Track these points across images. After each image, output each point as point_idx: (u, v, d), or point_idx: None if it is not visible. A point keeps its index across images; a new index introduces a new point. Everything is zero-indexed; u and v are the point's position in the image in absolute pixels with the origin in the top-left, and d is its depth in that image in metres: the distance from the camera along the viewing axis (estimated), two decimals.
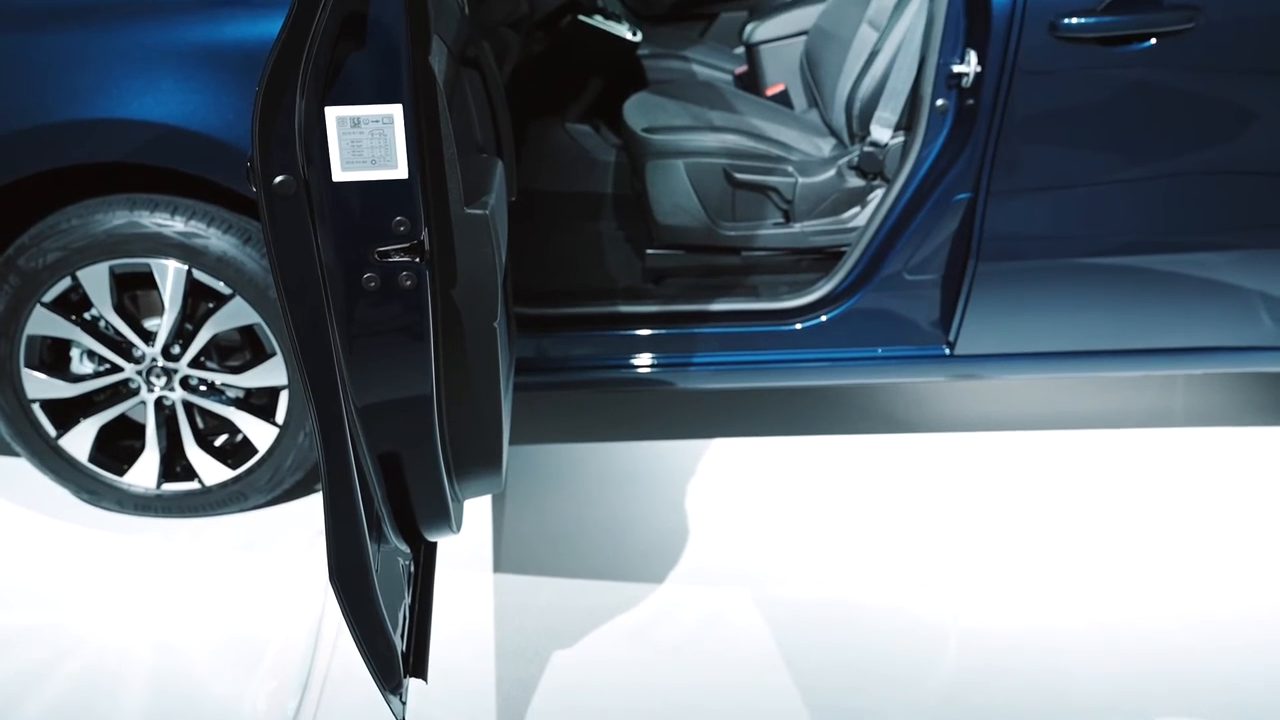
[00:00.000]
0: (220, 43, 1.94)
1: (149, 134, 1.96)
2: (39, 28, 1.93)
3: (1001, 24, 1.98)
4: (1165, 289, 2.22)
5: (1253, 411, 2.70)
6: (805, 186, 2.49)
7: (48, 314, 2.13)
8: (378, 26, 1.29)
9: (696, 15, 3.74)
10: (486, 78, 1.99)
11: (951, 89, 2.11)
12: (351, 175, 1.34)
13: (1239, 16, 1.95)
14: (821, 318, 2.32)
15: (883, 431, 2.65)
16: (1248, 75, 2.01)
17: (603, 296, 2.44)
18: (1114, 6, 1.94)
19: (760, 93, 3.11)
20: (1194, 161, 2.08)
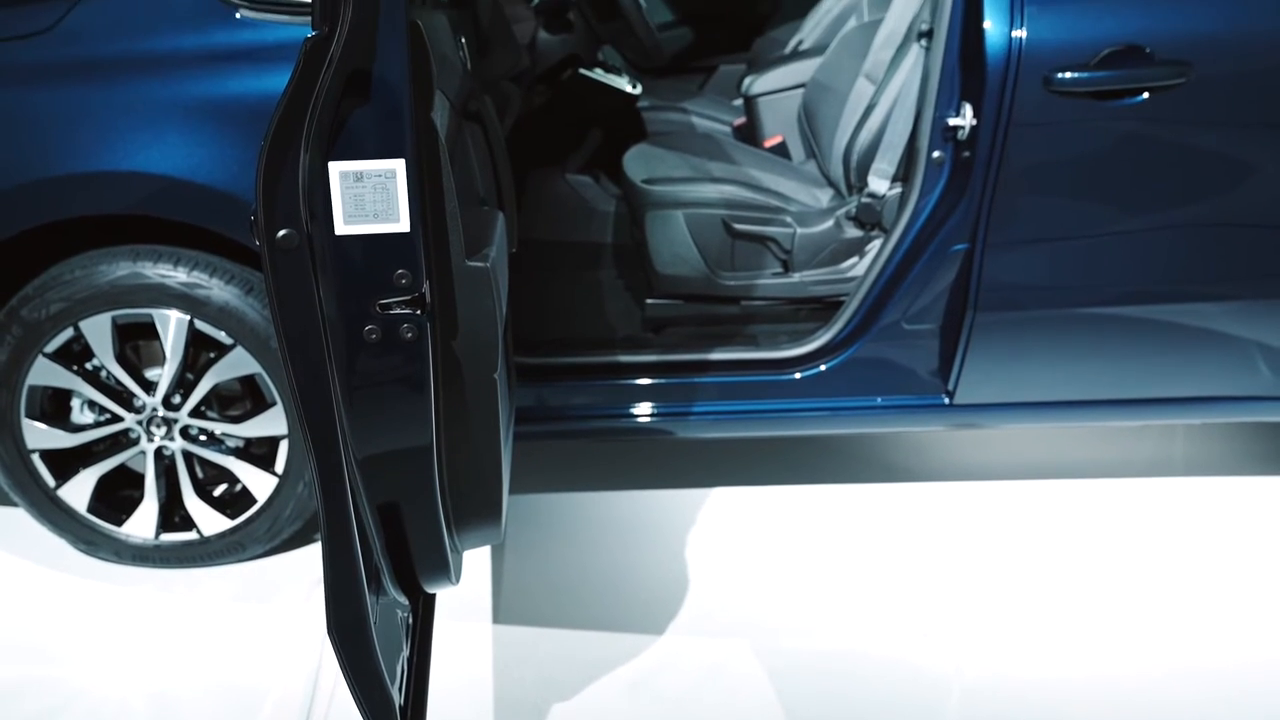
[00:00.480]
0: (225, 97, 1.97)
1: (154, 186, 1.98)
2: (48, 82, 1.96)
3: (996, 78, 2.01)
4: (1163, 339, 2.23)
5: (1252, 461, 2.70)
6: (804, 237, 2.51)
7: (49, 364, 2.14)
8: (381, 83, 1.32)
9: (695, 68, 3.79)
10: (488, 131, 2.02)
11: (948, 141, 2.13)
12: (354, 229, 1.35)
13: (1228, 72, 1.98)
14: (821, 367, 2.33)
15: (883, 480, 2.65)
16: (1238, 128, 2.03)
17: (602, 346, 2.45)
18: (1106, 61, 1.97)
19: (759, 144, 3.14)
20: (1189, 213, 2.10)
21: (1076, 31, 1.98)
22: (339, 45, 1.28)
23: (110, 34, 2.00)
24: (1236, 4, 1.97)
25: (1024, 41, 1.98)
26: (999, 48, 1.99)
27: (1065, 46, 1.98)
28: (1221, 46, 1.97)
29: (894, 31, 2.55)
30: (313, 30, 1.31)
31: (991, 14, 2.00)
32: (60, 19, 2.00)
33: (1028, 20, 1.98)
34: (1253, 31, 1.97)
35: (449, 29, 1.85)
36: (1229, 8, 1.98)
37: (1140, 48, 1.96)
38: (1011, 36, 1.98)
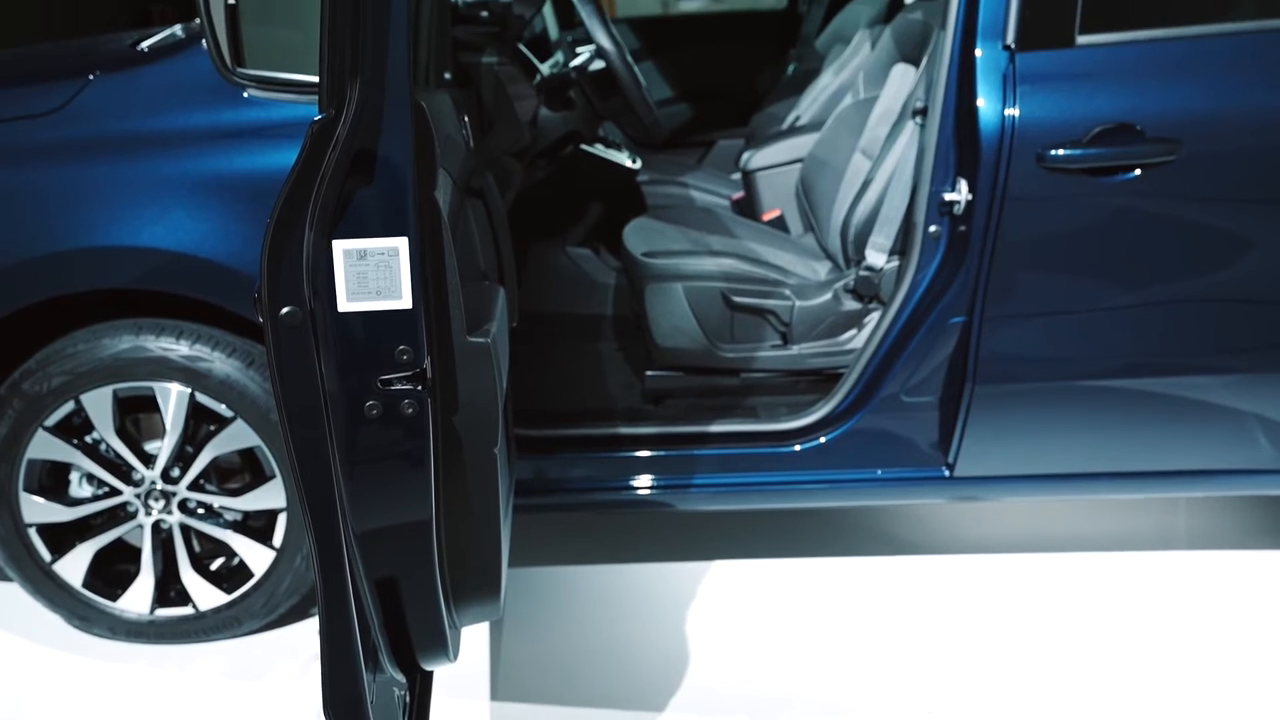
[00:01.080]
0: (231, 173, 2.00)
1: (158, 260, 2.00)
2: (57, 160, 1.99)
3: (990, 154, 2.04)
4: (1163, 411, 2.23)
5: (1257, 535, 2.69)
6: (802, 309, 2.53)
7: (49, 438, 2.14)
8: (386, 163, 1.34)
9: (694, 143, 3.85)
10: (490, 207, 2.04)
11: (944, 216, 2.16)
12: (356, 305, 1.36)
13: (1217, 149, 2.01)
14: (820, 439, 2.33)
15: (884, 553, 2.63)
16: (1229, 204, 2.06)
17: (602, 418, 2.45)
18: (1098, 139, 2.00)
19: (757, 218, 3.18)
20: (1185, 286, 2.11)
21: (1068, 110, 2.02)
22: (345, 127, 1.30)
23: (120, 112, 2.04)
24: (1224, 84, 2.01)
25: (1017, 119, 2.02)
26: (992, 125, 2.03)
27: (1057, 124, 2.01)
28: (1210, 125, 2.00)
29: (889, 109, 2.59)
30: (319, 112, 1.34)
31: (984, 92, 2.03)
32: (72, 98, 2.04)
33: (1020, 99, 2.02)
34: (1240, 110, 2.01)
35: (453, 108, 1.89)
36: (1217, 87, 2.01)
37: (1131, 125, 2.00)
38: (1004, 114, 2.02)
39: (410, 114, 1.34)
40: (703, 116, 4.04)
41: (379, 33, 1.32)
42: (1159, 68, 2.02)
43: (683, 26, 4.90)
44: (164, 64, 2.12)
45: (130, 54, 2.24)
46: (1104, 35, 2.02)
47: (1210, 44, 2.03)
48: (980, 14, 2.04)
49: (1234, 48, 2.02)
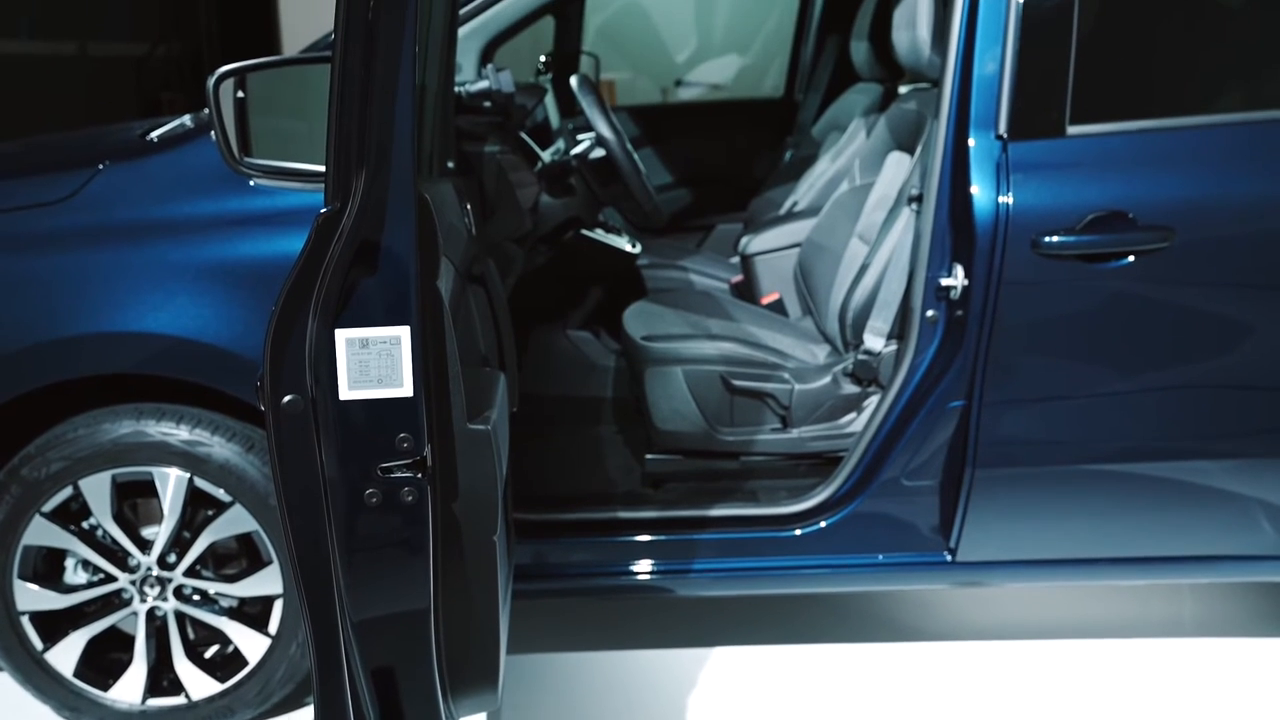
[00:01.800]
0: (235, 259, 2.02)
1: (160, 345, 2.01)
2: (64, 247, 2.01)
3: (985, 241, 2.06)
4: (1164, 496, 2.22)
5: (1264, 623, 2.65)
6: (802, 393, 2.53)
7: (46, 524, 2.12)
8: (389, 254, 1.36)
9: (693, 227, 3.90)
10: (491, 293, 2.06)
11: (941, 300, 2.18)
12: (358, 394, 1.37)
13: (1209, 237, 2.04)
14: (821, 523, 2.31)
15: (886, 640, 2.60)
16: (1223, 289, 2.08)
17: (602, 501, 2.44)
18: (1092, 226, 2.03)
19: (756, 301, 3.20)
20: (1182, 370, 2.13)
21: (1061, 197, 2.05)
22: (350, 219, 1.32)
23: (128, 201, 2.07)
24: (1213, 173, 2.05)
25: (1011, 206, 2.05)
26: (987, 212, 2.06)
27: (1051, 211, 2.04)
28: (1202, 212, 2.03)
29: (885, 195, 2.63)
30: (325, 204, 1.36)
31: (978, 180, 2.07)
32: (82, 186, 2.07)
33: (1014, 186, 2.05)
34: (1231, 198, 2.04)
35: (455, 197, 1.92)
36: (1207, 176, 2.05)
37: (1124, 213, 2.03)
38: (998, 202, 2.05)
39: (414, 205, 1.36)
40: (702, 201, 4.10)
41: (384, 126, 1.35)
42: (1149, 157, 2.06)
43: (681, 114, 5.00)
44: (172, 153, 2.16)
45: (140, 144, 2.29)
46: (1094, 126, 2.06)
47: (1198, 134, 2.07)
48: (972, 105, 2.09)
49: (1222, 138, 2.07)
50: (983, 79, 2.08)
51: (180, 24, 7.91)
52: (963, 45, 2.10)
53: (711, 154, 4.21)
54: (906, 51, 2.54)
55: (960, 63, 2.10)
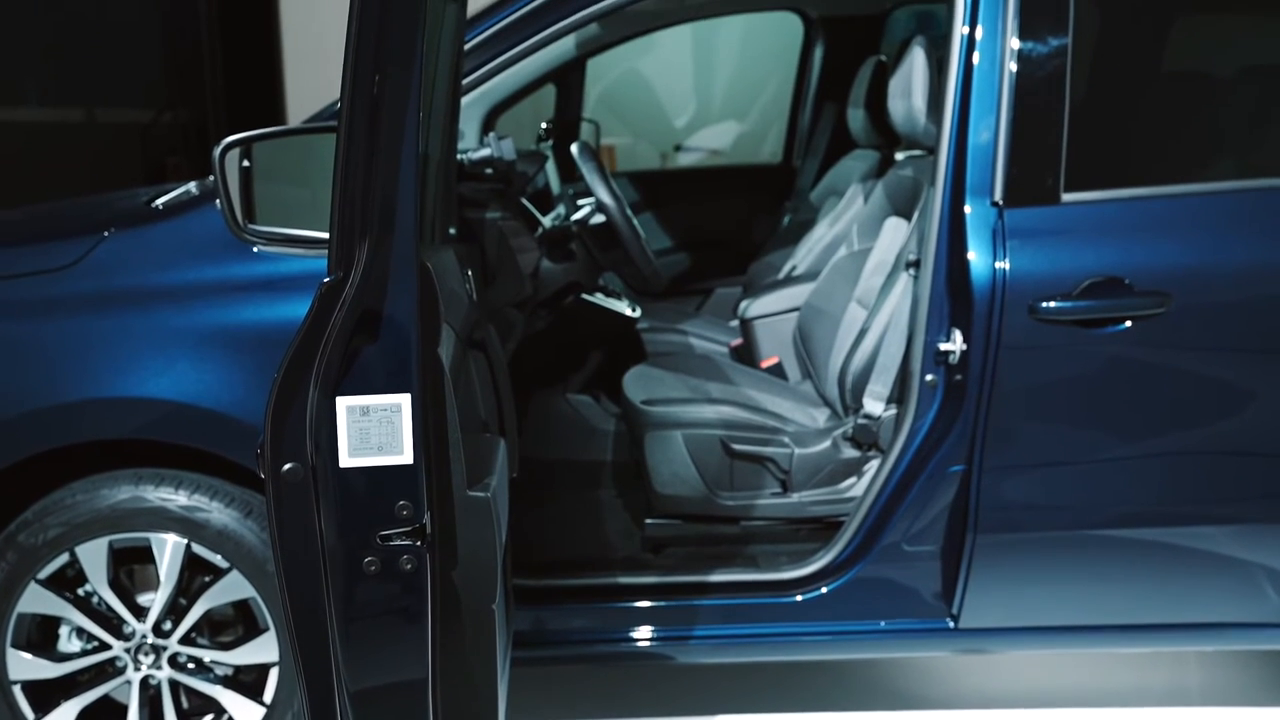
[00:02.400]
0: (237, 324, 2.03)
1: (161, 411, 2.02)
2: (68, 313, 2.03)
3: (983, 306, 2.08)
4: (1168, 562, 2.21)
5: (1266, 691, 2.62)
6: (802, 457, 2.53)
7: (41, 591, 2.11)
8: (391, 322, 1.37)
9: (693, 291, 3.92)
10: (491, 358, 2.07)
11: (939, 365, 2.18)
12: (358, 461, 1.37)
13: (1206, 302, 2.05)
14: (822, 589, 2.30)
15: (889, 708, 2.57)
16: (1221, 354, 2.09)
17: (602, 567, 2.43)
18: (1088, 292, 2.05)
19: (755, 365, 3.21)
20: (1182, 436, 2.13)
21: (1057, 263, 2.07)
22: (353, 288, 1.34)
23: (132, 267, 2.09)
24: (1208, 239, 2.07)
25: (1007, 272, 2.06)
26: (984, 278, 2.07)
27: (1047, 277, 2.06)
28: (1198, 278, 2.05)
29: (883, 261, 2.66)
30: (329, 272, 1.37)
31: (975, 246, 2.09)
32: (86, 253, 2.09)
33: (1010, 252, 2.07)
34: (1226, 264, 2.06)
35: (457, 264, 1.93)
36: (1201, 242, 2.07)
37: (1120, 279, 2.04)
38: (995, 267, 2.07)
39: (415, 274, 1.38)
40: (701, 265, 4.13)
41: (388, 196, 1.37)
42: (1144, 223, 2.08)
43: (681, 179, 5.06)
44: (177, 220, 2.18)
45: (145, 210, 2.31)
46: (1088, 193, 2.09)
47: (1192, 202, 2.10)
48: (968, 172, 2.12)
49: (1215, 206, 2.10)
50: (977, 147, 2.11)
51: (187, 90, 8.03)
52: (957, 114, 2.13)
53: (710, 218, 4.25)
54: (902, 120, 2.58)
55: (955, 131, 2.13)
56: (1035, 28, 2.07)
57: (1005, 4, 2.08)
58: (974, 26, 2.11)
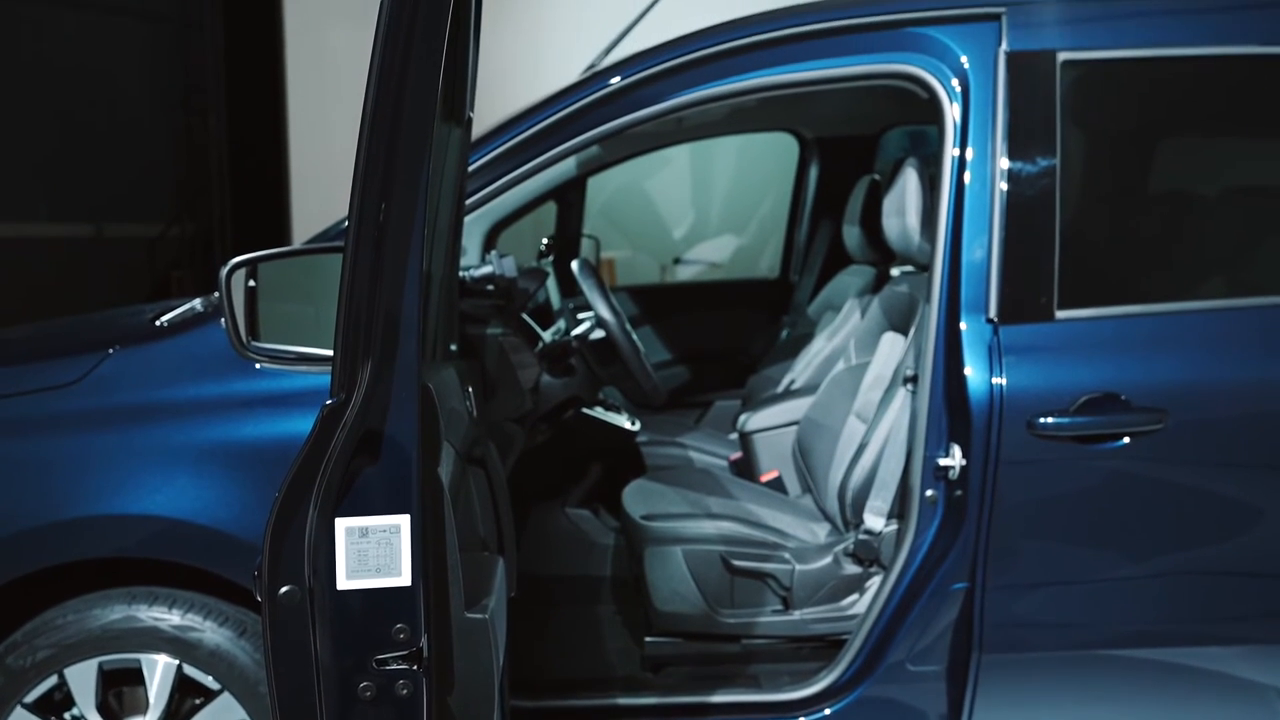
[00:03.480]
0: (236, 440, 2.04)
1: (158, 528, 2.01)
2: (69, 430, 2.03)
3: (981, 421, 2.08)
4: (1178, 682, 2.17)
5: None
6: (803, 573, 2.50)
7: (27, 716, 2.06)
8: (391, 443, 1.37)
9: (692, 404, 3.94)
10: (490, 475, 2.07)
11: (939, 480, 2.18)
12: (356, 583, 1.36)
13: (1203, 418, 2.06)
14: (826, 710, 2.25)
15: None
16: (1221, 470, 2.09)
17: (601, 688, 2.38)
18: (1085, 408, 2.06)
19: (755, 478, 3.20)
20: (1186, 552, 2.11)
21: (1053, 379, 2.08)
22: (354, 409, 1.34)
23: (134, 384, 2.10)
24: (1203, 356, 2.09)
25: (1004, 388, 2.08)
26: (981, 393, 2.08)
27: (1044, 393, 2.07)
28: (1194, 394, 2.06)
29: (881, 375, 2.67)
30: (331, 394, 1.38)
31: (971, 362, 2.10)
32: (90, 370, 2.10)
33: (1006, 369, 2.09)
34: (1222, 381, 2.08)
35: (458, 381, 1.95)
36: (1196, 359, 2.09)
37: (1116, 395, 2.05)
38: (992, 383, 2.08)
39: (417, 396, 1.39)
40: (700, 378, 4.16)
41: (391, 317, 1.39)
42: (1138, 340, 2.11)
43: (680, 294, 5.12)
44: (181, 338, 2.20)
45: (150, 328, 2.34)
46: (1082, 310, 2.11)
47: (1186, 319, 2.12)
48: (963, 290, 2.14)
49: (1209, 323, 2.12)
50: (971, 265, 2.14)
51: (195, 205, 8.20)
52: (950, 232, 2.17)
53: (710, 332, 4.29)
54: (897, 237, 2.63)
55: (949, 249, 2.17)
56: (1024, 149, 2.13)
57: (994, 126, 2.14)
58: (964, 148, 2.16)
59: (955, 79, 2.16)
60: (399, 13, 1.39)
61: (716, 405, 3.91)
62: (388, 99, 1.39)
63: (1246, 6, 2.20)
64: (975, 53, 2.16)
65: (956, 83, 2.16)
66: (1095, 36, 2.16)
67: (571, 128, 2.24)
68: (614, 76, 2.24)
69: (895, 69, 2.21)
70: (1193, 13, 2.18)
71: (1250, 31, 2.16)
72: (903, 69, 2.20)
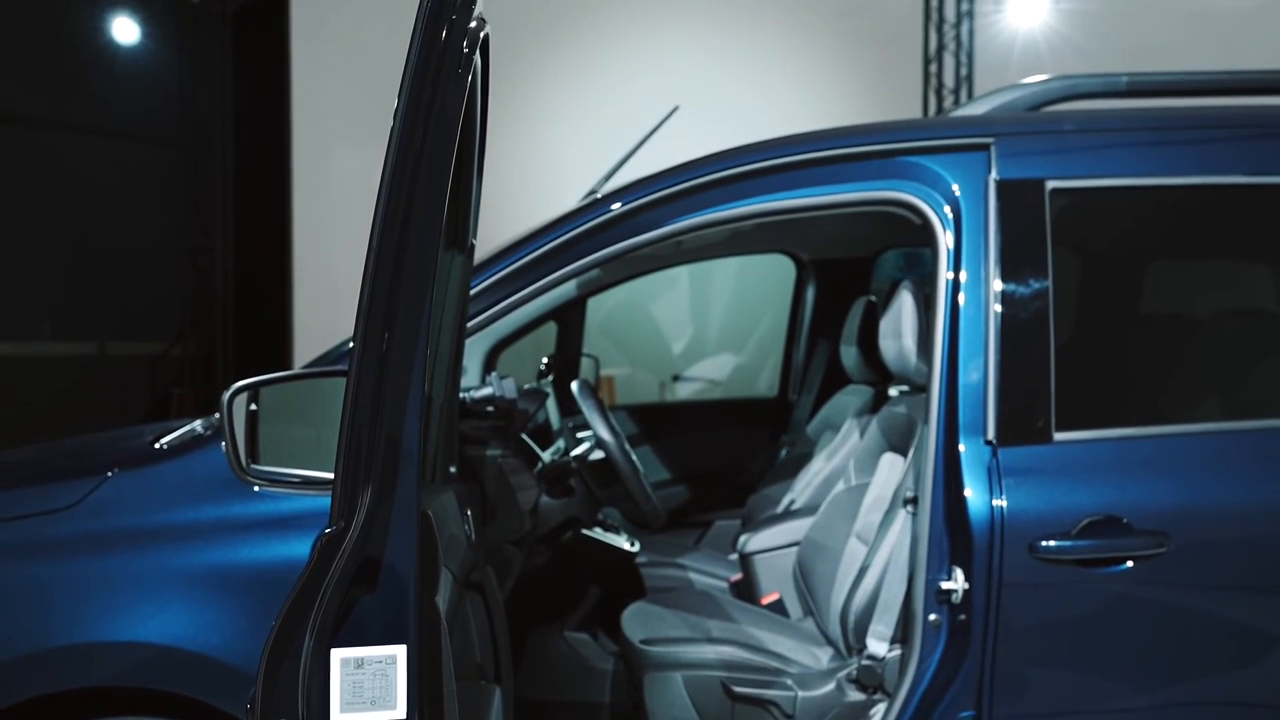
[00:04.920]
0: (233, 564, 2.02)
1: (149, 655, 1.97)
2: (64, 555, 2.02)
3: (982, 544, 2.06)
4: None
5: None
6: (805, 700, 2.45)
7: None
8: (390, 572, 1.37)
9: (692, 523, 3.91)
10: (488, 601, 2.05)
11: (942, 604, 2.15)
12: (350, 716, 1.34)
13: (1206, 541, 2.05)
14: None
15: None
16: (1226, 594, 2.07)
17: None
18: (1087, 531, 2.04)
19: (755, 601, 3.16)
20: (1192, 680, 2.08)
21: (1053, 502, 2.07)
22: (353, 538, 1.34)
23: (131, 507, 2.09)
24: (1203, 479, 2.09)
25: (1005, 510, 2.06)
26: (982, 516, 2.07)
27: (1045, 516, 2.06)
28: (1195, 518, 2.05)
29: (881, 496, 2.66)
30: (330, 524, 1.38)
31: (971, 484, 2.10)
32: (88, 494, 2.10)
33: (1006, 491, 2.08)
34: (1222, 504, 2.07)
35: (457, 505, 1.94)
36: (1197, 483, 2.09)
37: (1118, 518, 2.05)
38: (992, 505, 2.07)
39: (416, 524, 1.39)
40: (699, 497, 4.14)
41: (392, 445, 1.40)
42: (1137, 463, 2.11)
43: (679, 413, 5.14)
44: (179, 460, 2.20)
45: (149, 450, 2.34)
46: (1080, 433, 2.12)
47: (1184, 441, 2.13)
48: (960, 412, 2.15)
49: (1207, 446, 2.13)
50: (968, 386, 2.15)
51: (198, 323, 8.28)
52: (946, 355, 2.18)
53: (709, 451, 4.29)
54: (894, 359, 2.65)
55: (946, 371, 2.18)
56: (1016, 273, 2.16)
57: (987, 251, 2.18)
58: (958, 271, 2.19)
59: (947, 206, 2.21)
60: (407, 146, 1.44)
61: (716, 525, 3.88)
62: (393, 231, 1.42)
63: (1231, 138, 2.26)
64: (966, 181, 2.21)
65: (949, 209, 2.21)
66: (1082, 165, 2.22)
67: (573, 251, 2.28)
68: (615, 202, 2.29)
69: (889, 196, 2.26)
70: (1178, 144, 2.25)
71: (1236, 162, 2.23)
72: (896, 196, 2.25)
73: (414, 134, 1.42)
